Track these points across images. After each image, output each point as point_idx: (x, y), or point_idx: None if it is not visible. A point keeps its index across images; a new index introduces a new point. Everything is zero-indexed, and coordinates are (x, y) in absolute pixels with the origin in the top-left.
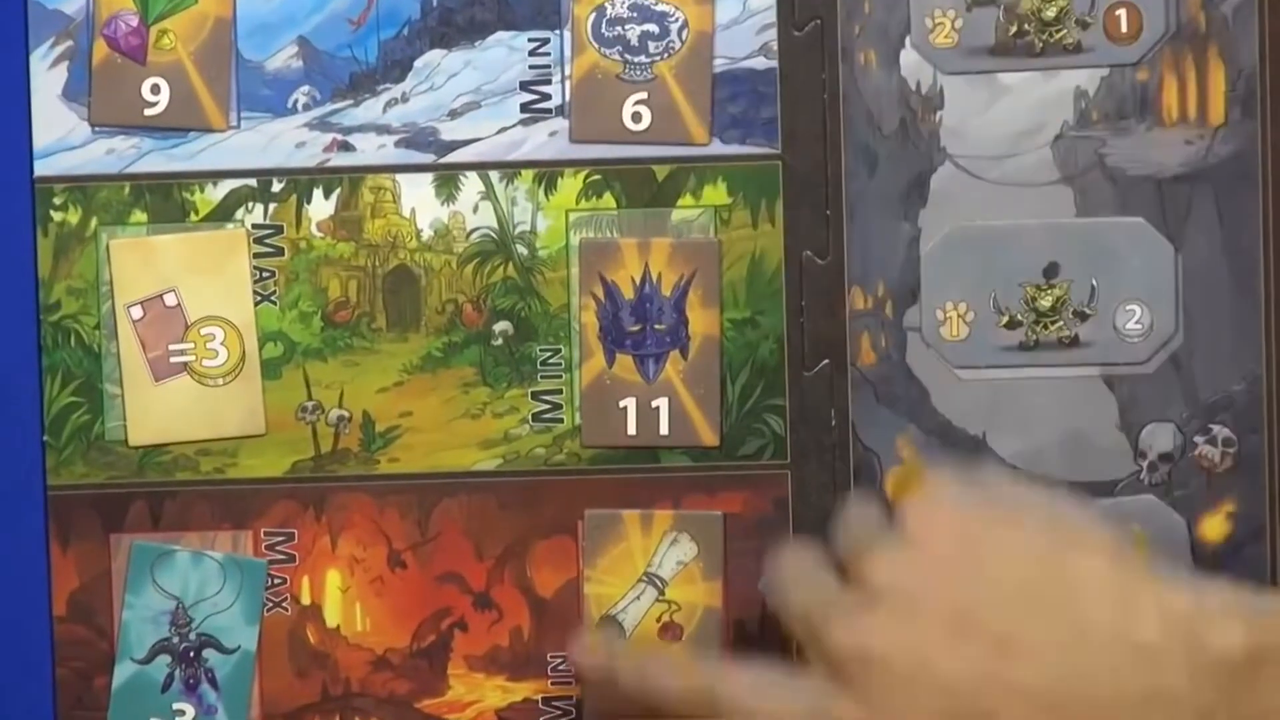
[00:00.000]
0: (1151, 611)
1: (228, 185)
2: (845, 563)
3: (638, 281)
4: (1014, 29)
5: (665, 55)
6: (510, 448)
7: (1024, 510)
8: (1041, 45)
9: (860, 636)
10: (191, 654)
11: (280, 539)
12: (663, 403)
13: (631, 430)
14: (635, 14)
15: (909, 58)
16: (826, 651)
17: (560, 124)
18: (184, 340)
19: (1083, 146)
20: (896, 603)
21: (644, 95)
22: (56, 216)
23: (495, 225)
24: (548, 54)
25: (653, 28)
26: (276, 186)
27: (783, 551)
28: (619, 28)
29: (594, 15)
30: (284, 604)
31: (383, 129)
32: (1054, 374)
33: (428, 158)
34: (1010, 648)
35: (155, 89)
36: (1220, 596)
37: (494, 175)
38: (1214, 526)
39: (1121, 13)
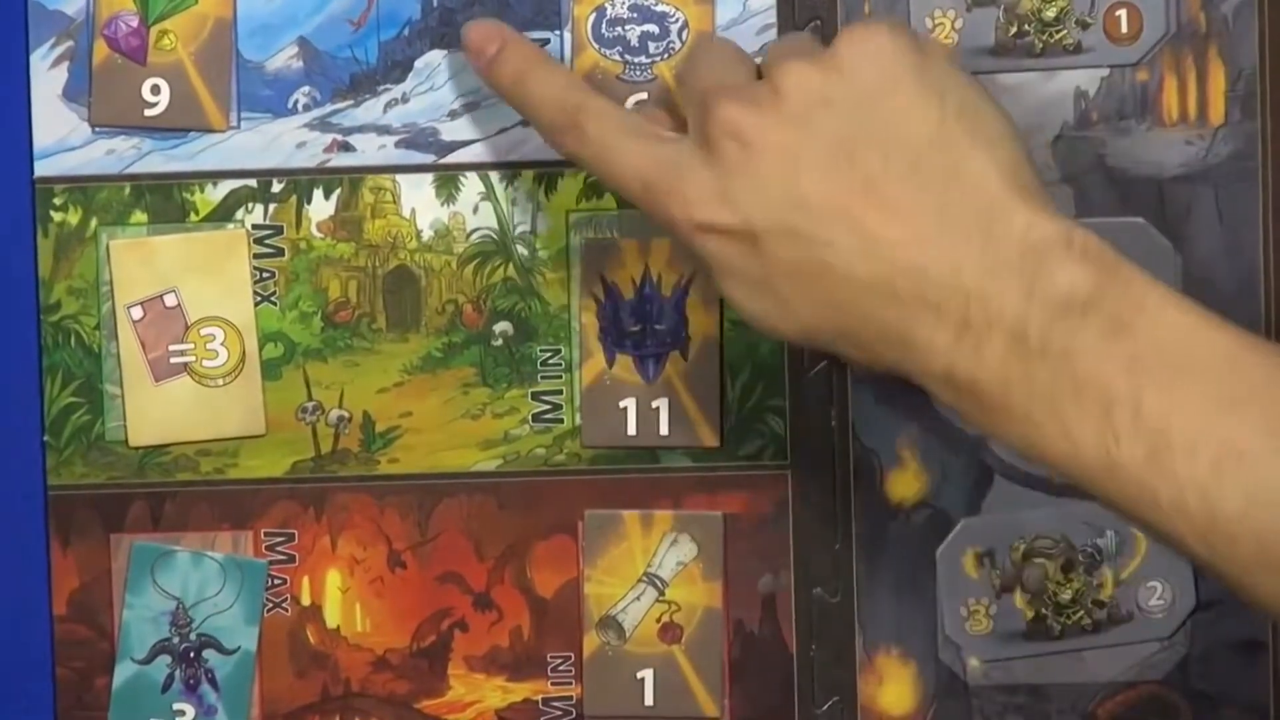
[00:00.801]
0: (1019, 222)
1: (228, 185)
2: (766, 67)
3: (638, 282)
4: (1014, 29)
5: (665, 56)
6: (510, 448)
7: (951, 84)
8: (1041, 45)
9: (744, 120)
10: (192, 654)
11: (280, 539)
12: (663, 403)
13: (631, 431)
14: (635, 15)
15: None
16: (707, 124)
17: None
18: (184, 340)
19: (1083, 146)
20: (793, 109)
21: (644, 95)
22: (57, 217)
23: (495, 226)
24: None
25: (653, 28)
26: (277, 187)
27: (706, 37)
28: (619, 28)
29: (594, 16)
30: (284, 604)
31: (383, 129)
32: None
33: (428, 158)
34: (874, 193)
35: (155, 89)
36: (1087, 239)
37: (494, 176)
38: None
39: (1122, 13)
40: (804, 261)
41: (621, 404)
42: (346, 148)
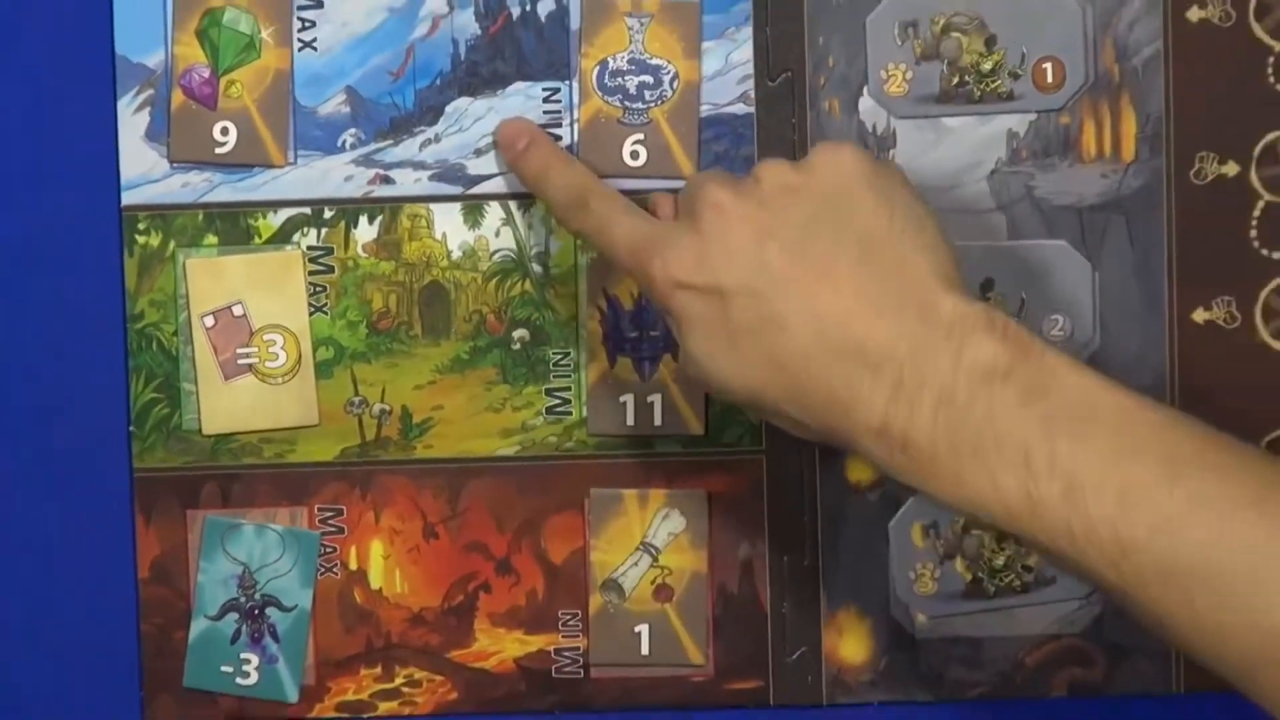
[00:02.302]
0: (947, 305)
1: (286, 213)
2: (751, 170)
3: (636, 295)
4: (956, 80)
5: (659, 102)
6: (527, 436)
7: (902, 197)
8: (979, 93)
9: (725, 197)
10: (256, 612)
11: (331, 514)
12: (657, 398)
13: (630, 421)
14: (633, 67)
15: (866, 104)
16: (694, 200)
17: None
18: (249, 345)
19: (1014, 180)
20: (768, 194)
21: (641, 136)
22: (140, 240)
23: (514, 247)
24: (559, 101)
25: (648, 79)
26: (328, 214)
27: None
28: (619, 79)
29: (598, 68)
30: (334, 569)
31: (418, 165)
32: None
33: (457, 189)
34: (827, 271)
35: (224, 131)
36: (1005, 321)
37: (513, 204)
38: None
39: (1048, 66)
40: (762, 321)
41: (621, 399)
42: (387, 180)
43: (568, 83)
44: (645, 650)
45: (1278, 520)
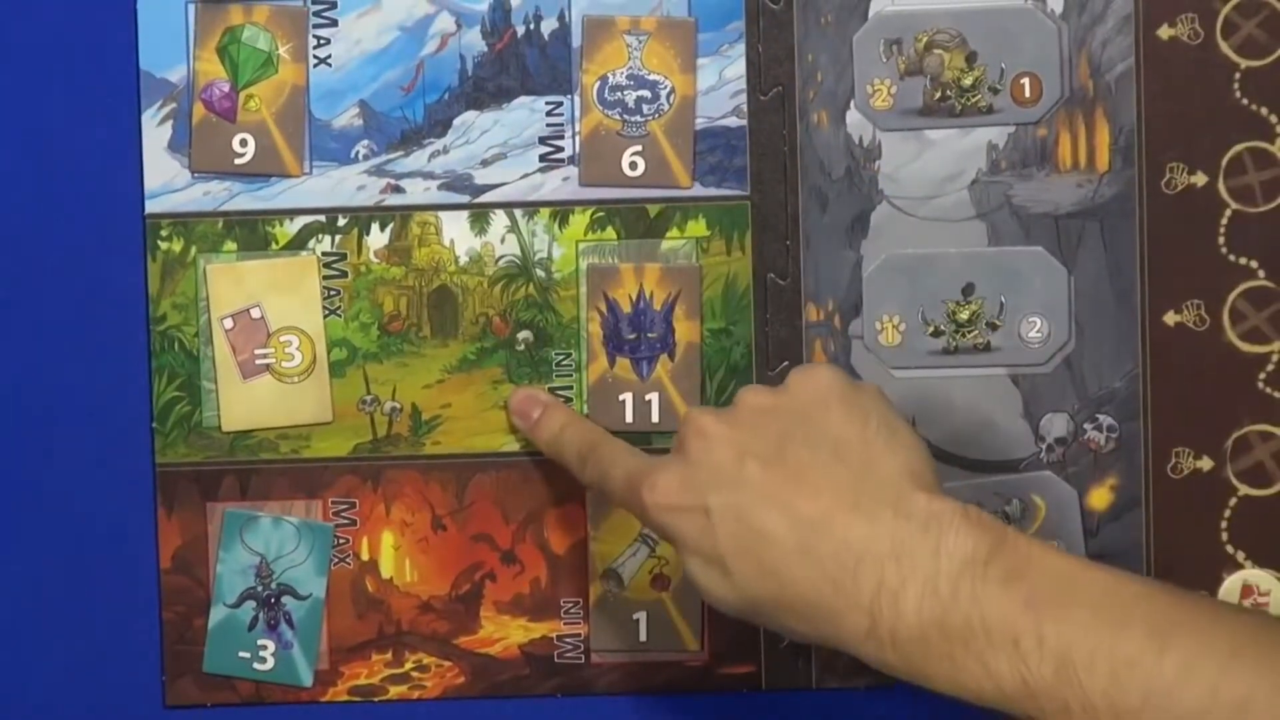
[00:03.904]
0: (922, 501)
1: (302, 220)
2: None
3: (634, 299)
4: (938, 94)
5: (656, 115)
6: None
7: (875, 409)
8: (960, 107)
9: (708, 423)
10: (273, 600)
11: (344, 507)
12: (654, 396)
13: (629, 419)
14: (632, 82)
15: (853, 117)
16: (682, 430)
17: (571, 171)
18: (266, 346)
19: (994, 189)
20: (746, 416)
21: (639, 148)
22: (163, 246)
23: (519, 253)
24: (561, 114)
25: (646, 93)
26: (341, 221)
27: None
28: (619, 93)
29: (599, 83)
30: (347, 559)
31: (428, 175)
32: (970, 373)
33: (464, 198)
34: (803, 479)
35: (243, 142)
36: (979, 512)
37: (518, 212)
38: (1100, 497)
39: (1025, 81)
40: (748, 535)
41: (621, 397)
42: (398, 190)
43: (570, 97)
44: (643, 637)
45: (1261, 671)
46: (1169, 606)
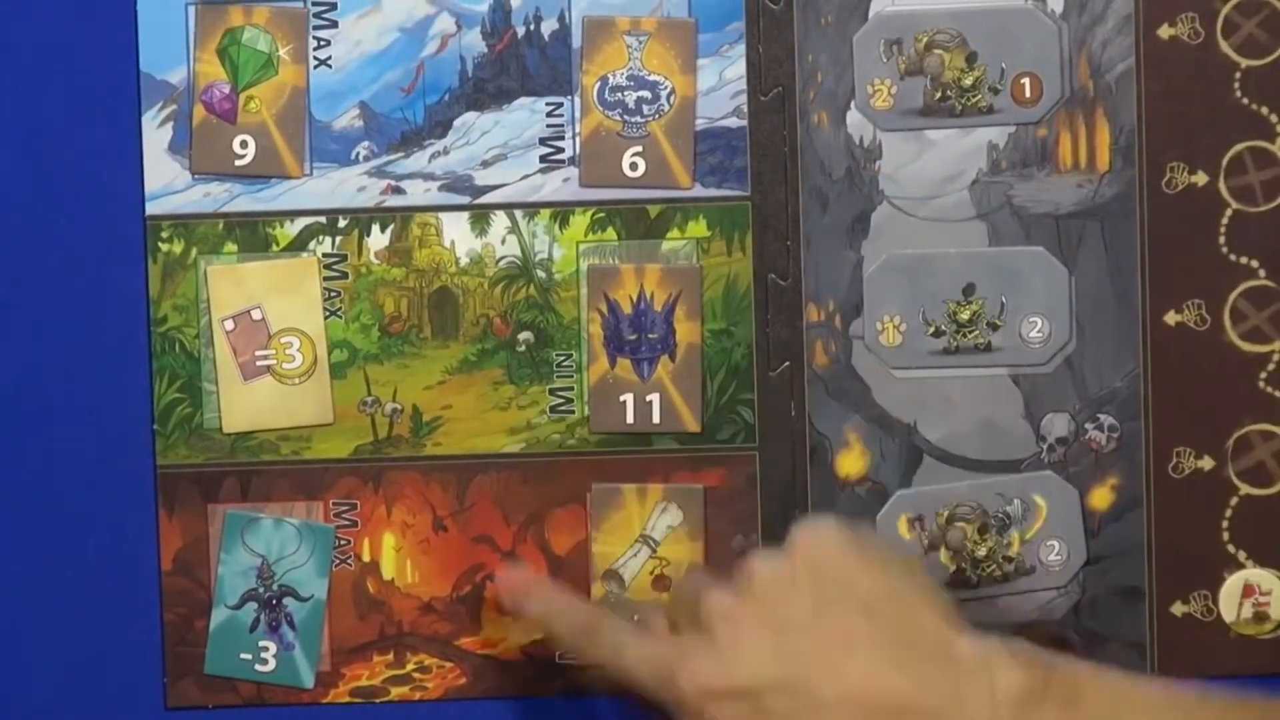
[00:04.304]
0: (964, 644)
1: (302, 222)
2: (740, 568)
3: (635, 299)
4: (939, 94)
5: (656, 116)
6: (531, 434)
7: (889, 555)
8: (961, 107)
9: (729, 603)
10: (274, 601)
11: (345, 508)
12: (655, 397)
13: (630, 419)
14: (632, 83)
15: (854, 118)
16: (701, 614)
17: (572, 172)
18: (267, 347)
19: (994, 189)
20: (764, 589)
21: (639, 149)
22: (164, 247)
23: (519, 254)
24: (561, 115)
25: (646, 94)
26: (342, 223)
27: (691, 570)
28: (619, 94)
29: (599, 84)
30: (348, 561)
31: (428, 176)
32: (971, 373)
33: (464, 199)
34: (841, 640)
35: (244, 144)
36: (1020, 646)
37: (518, 213)
38: (1101, 497)
39: (1025, 81)
40: (798, 709)
41: (622, 398)
42: (398, 191)
43: (570, 98)
44: None
45: None
46: (1224, 712)
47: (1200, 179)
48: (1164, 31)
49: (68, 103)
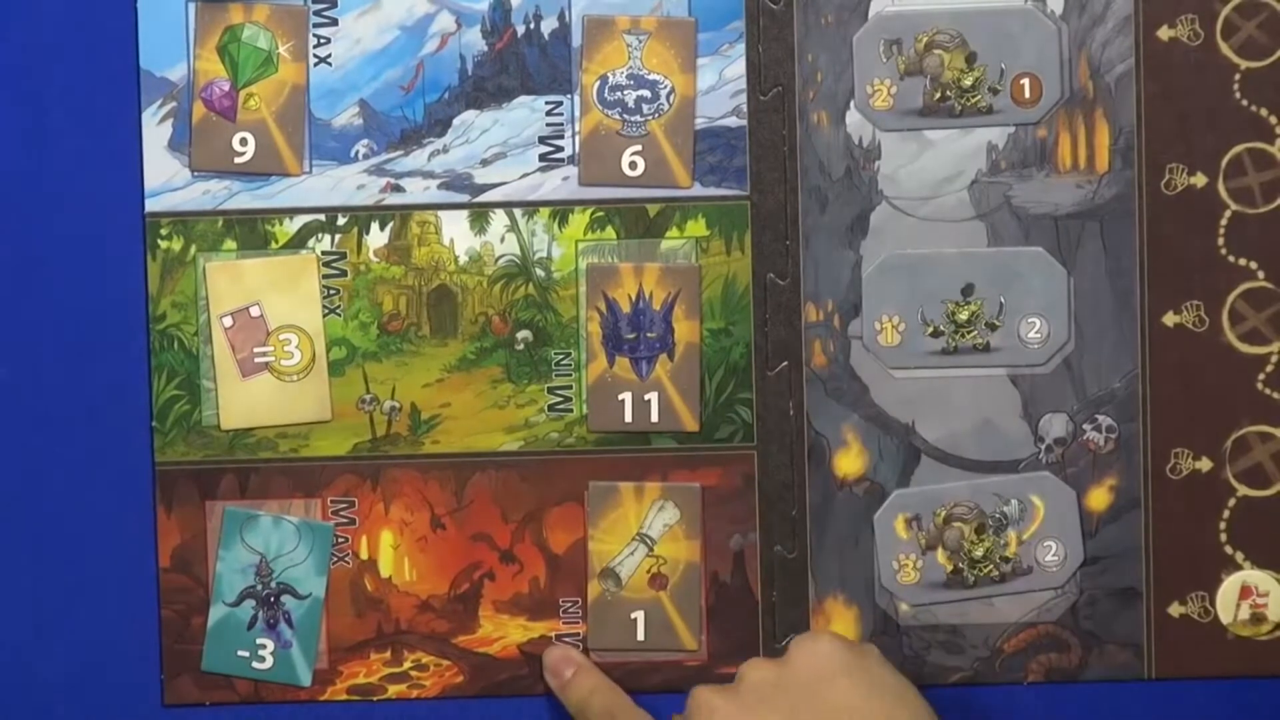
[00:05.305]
0: None
1: (301, 219)
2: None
3: (634, 298)
4: (938, 95)
5: (656, 115)
6: (530, 432)
7: (881, 675)
8: (960, 108)
9: (714, 699)
10: (272, 599)
11: (343, 506)
12: (653, 396)
13: (628, 418)
14: (632, 82)
15: (853, 118)
16: (689, 706)
17: (571, 171)
18: (266, 344)
19: (994, 190)
20: (752, 692)
21: (639, 148)
22: (163, 244)
23: (518, 252)
24: (561, 114)
25: (646, 93)
26: (341, 221)
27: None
28: (619, 93)
29: (599, 83)
30: (346, 559)
31: (427, 174)
32: (969, 374)
33: (464, 198)
34: None
35: (243, 141)
36: None
37: (517, 212)
38: (1099, 498)
39: (1025, 81)
40: None
41: (620, 397)
42: (398, 189)
43: (570, 96)
44: (641, 636)
45: None
46: None
47: (1199, 180)
48: (1164, 33)
49: (67, 99)
